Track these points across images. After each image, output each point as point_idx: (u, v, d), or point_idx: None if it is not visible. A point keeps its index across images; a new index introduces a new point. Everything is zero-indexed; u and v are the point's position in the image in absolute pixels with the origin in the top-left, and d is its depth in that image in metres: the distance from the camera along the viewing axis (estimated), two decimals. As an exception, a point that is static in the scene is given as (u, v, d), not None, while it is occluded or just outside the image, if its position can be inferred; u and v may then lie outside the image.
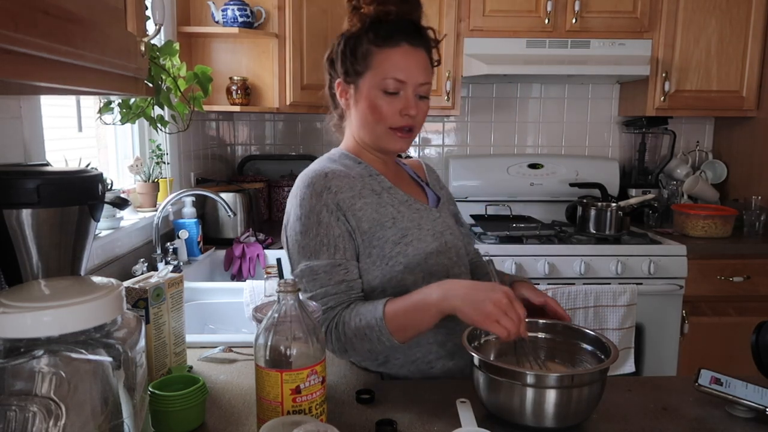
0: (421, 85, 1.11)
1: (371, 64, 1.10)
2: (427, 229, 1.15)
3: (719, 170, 2.88)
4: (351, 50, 1.12)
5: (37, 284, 0.76)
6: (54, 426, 0.60)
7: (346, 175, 1.12)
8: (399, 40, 1.09)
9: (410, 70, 1.09)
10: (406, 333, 1.00)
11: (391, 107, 1.10)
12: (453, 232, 1.21)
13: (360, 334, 1.01)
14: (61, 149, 1.49)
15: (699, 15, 2.55)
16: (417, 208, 1.17)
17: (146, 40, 0.91)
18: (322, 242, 1.06)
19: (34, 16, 0.60)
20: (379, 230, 1.09)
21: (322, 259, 1.05)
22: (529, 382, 0.85)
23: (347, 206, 1.08)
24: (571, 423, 0.89)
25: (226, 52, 2.37)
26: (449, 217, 1.25)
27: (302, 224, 1.07)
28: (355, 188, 1.11)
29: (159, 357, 1.05)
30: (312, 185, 1.09)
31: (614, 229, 2.46)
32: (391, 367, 1.12)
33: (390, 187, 1.16)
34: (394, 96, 1.10)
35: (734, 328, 2.36)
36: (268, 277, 1.15)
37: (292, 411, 0.82)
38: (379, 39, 1.09)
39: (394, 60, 1.09)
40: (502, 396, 0.88)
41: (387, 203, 1.13)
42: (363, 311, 1.02)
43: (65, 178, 0.92)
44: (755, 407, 0.93)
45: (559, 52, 2.53)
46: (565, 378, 0.86)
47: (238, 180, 2.79)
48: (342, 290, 1.05)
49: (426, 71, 1.12)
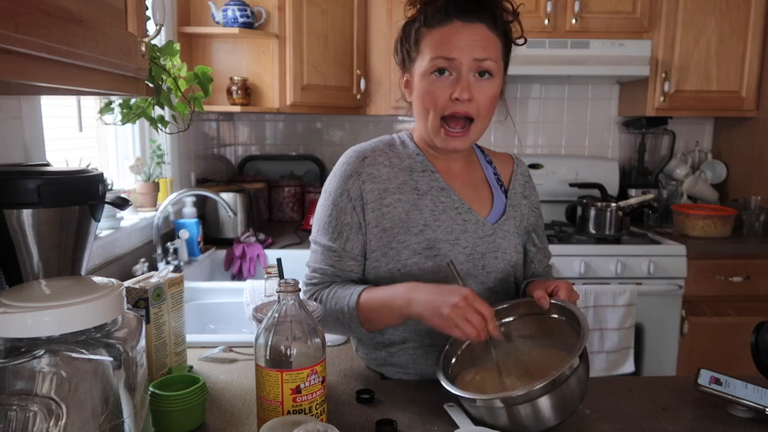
0: (478, 61, 0.98)
1: (421, 47, 1.01)
2: (464, 246, 1.06)
3: (719, 170, 2.88)
4: (406, 37, 1.05)
5: (37, 284, 0.76)
6: (54, 426, 0.60)
7: (389, 164, 1.07)
8: (450, 17, 0.98)
9: (461, 47, 0.97)
10: (373, 325, 1.03)
11: (442, 91, 0.99)
12: (501, 255, 1.08)
13: (333, 317, 1.03)
14: (62, 149, 1.49)
15: (698, 15, 2.55)
16: (465, 219, 1.07)
17: (147, 40, 0.91)
18: (330, 223, 1.07)
19: (34, 16, 0.60)
20: (403, 233, 1.04)
21: (324, 239, 1.08)
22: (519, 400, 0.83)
23: (373, 198, 1.04)
24: (571, 411, 0.88)
25: (227, 53, 2.37)
26: (508, 236, 1.10)
27: (324, 198, 1.09)
28: (391, 181, 1.06)
29: (159, 357, 1.05)
30: (346, 164, 1.07)
31: (614, 229, 2.46)
32: (394, 372, 1.12)
33: (443, 187, 1.08)
34: (446, 78, 0.99)
35: (734, 328, 2.36)
36: (268, 277, 1.14)
37: (292, 411, 0.82)
38: (428, 19, 1.00)
39: (442, 38, 0.98)
40: (494, 420, 0.86)
41: (426, 207, 1.06)
42: (339, 295, 1.03)
43: (66, 178, 0.92)
44: (755, 407, 0.93)
45: (558, 52, 2.53)
46: (548, 385, 0.82)
47: (238, 180, 2.79)
48: (328, 273, 1.07)
49: (486, 47, 0.98)
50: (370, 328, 1.03)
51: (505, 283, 1.11)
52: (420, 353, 1.09)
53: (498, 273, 1.09)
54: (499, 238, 1.09)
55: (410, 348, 1.09)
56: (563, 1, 2.53)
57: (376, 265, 1.07)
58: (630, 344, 2.27)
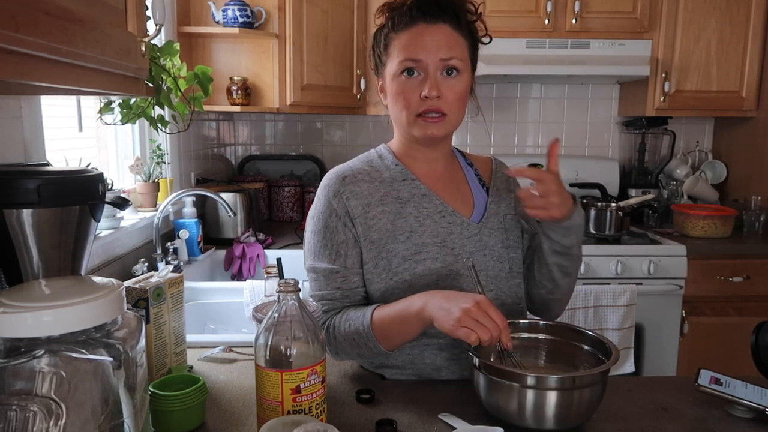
0: (444, 61, 1.01)
1: (390, 51, 1.05)
2: (452, 247, 1.08)
3: (719, 170, 2.88)
4: (377, 43, 1.09)
5: (37, 284, 0.76)
6: (54, 426, 0.60)
7: (369, 179, 1.09)
8: (415, 20, 1.02)
9: (426, 47, 1.01)
10: (392, 341, 1.01)
11: (413, 92, 1.02)
12: (489, 253, 1.10)
13: (349, 339, 1.03)
14: (62, 149, 1.49)
15: (699, 15, 2.55)
16: (450, 221, 1.09)
17: (147, 40, 0.91)
18: (326, 246, 1.07)
19: (34, 16, 0.60)
20: (390, 242, 1.06)
21: (323, 263, 1.07)
22: (530, 383, 0.85)
23: (358, 213, 1.07)
24: (571, 425, 0.89)
25: (227, 53, 2.37)
26: (493, 233, 1.12)
27: (314, 223, 1.09)
28: (373, 195, 1.08)
29: (159, 357, 1.05)
30: (328, 186, 1.09)
31: (614, 229, 2.46)
32: (392, 373, 1.12)
33: (425, 194, 1.10)
34: (415, 79, 1.02)
35: (734, 328, 2.35)
36: (268, 277, 1.14)
37: (292, 411, 0.82)
38: (395, 23, 1.04)
39: (408, 41, 1.02)
40: (501, 398, 0.88)
41: (410, 214, 1.08)
42: (352, 317, 1.03)
43: (66, 178, 0.92)
44: (755, 407, 0.93)
45: (559, 52, 2.53)
46: (565, 380, 0.85)
47: (238, 180, 2.79)
48: (337, 297, 1.07)
49: (449, 45, 1.01)
50: (388, 345, 1.01)
51: (500, 280, 1.11)
52: (417, 353, 1.09)
53: (488, 270, 1.10)
54: (485, 236, 1.11)
55: (407, 348, 1.09)
56: (563, 1, 2.53)
57: (369, 277, 1.08)
58: (630, 344, 2.27)
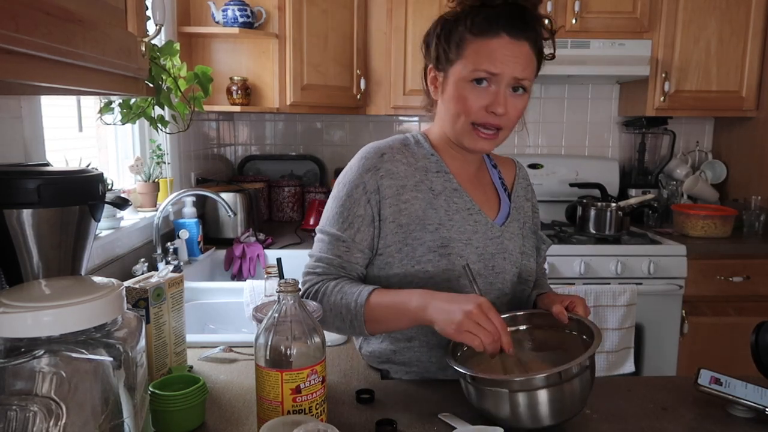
0: (517, 80, 1.00)
1: (464, 53, 1.00)
2: (476, 246, 1.08)
3: (719, 170, 2.88)
4: (446, 35, 1.03)
5: (37, 284, 0.76)
6: (54, 426, 0.60)
7: (406, 162, 1.07)
8: (498, 30, 0.98)
9: (506, 62, 0.98)
10: (378, 327, 1.02)
11: (478, 101, 1.00)
12: (509, 257, 1.12)
13: (335, 311, 1.02)
14: (62, 149, 1.49)
15: (698, 15, 2.55)
16: (476, 220, 1.09)
17: (147, 40, 0.91)
18: (341, 214, 1.06)
19: (34, 16, 0.60)
20: (419, 230, 1.05)
21: (333, 228, 1.06)
22: (517, 387, 0.84)
23: (390, 193, 1.05)
24: (570, 415, 0.88)
25: (227, 53, 2.37)
26: (513, 238, 1.14)
27: (338, 190, 1.09)
28: (408, 179, 1.06)
29: (159, 357, 1.05)
30: (365, 158, 1.07)
31: (614, 229, 2.46)
32: (397, 370, 1.12)
33: (456, 189, 1.09)
34: (484, 89, 1.00)
35: (734, 328, 2.35)
36: (268, 277, 1.15)
37: (292, 411, 0.82)
38: (475, 26, 0.99)
39: (488, 51, 0.98)
40: (492, 405, 0.87)
41: (441, 206, 1.07)
42: (347, 290, 1.02)
43: (66, 178, 0.92)
44: (755, 407, 0.93)
45: (558, 52, 2.49)
46: (552, 376, 0.84)
47: (238, 180, 2.79)
48: (335, 264, 1.06)
49: (526, 66, 1.00)
50: (372, 329, 1.02)
51: (512, 284, 1.13)
52: (424, 351, 1.10)
53: (506, 274, 1.11)
54: (506, 239, 1.12)
55: (416, 346, 1.10)
56: (563, 1, 2.53)
57: (389, 261, 1.06)
58: (630, 344, 2.27)
